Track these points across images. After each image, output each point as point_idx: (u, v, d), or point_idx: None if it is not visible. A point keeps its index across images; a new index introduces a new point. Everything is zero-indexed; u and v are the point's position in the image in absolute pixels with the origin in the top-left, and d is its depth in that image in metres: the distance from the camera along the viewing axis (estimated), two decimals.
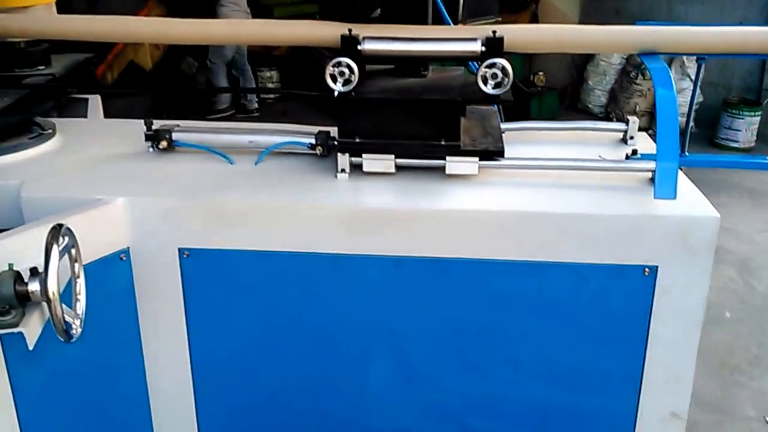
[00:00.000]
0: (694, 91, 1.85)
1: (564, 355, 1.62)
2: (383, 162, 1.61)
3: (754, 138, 6.50)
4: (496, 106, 2.13)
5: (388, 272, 1.56)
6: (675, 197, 1.48)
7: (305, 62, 6.92)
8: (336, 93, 1.57)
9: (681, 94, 6.84)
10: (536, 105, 7.13)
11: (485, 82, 1.57)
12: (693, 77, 6.75)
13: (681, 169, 1.81)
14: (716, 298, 3.70)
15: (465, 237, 1.53)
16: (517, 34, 1.67)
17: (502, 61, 1.55)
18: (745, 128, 6.43)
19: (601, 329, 1.59)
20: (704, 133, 6.76)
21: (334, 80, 1.57)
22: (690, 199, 1.56)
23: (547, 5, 7.60)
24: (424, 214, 1.54)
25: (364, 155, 1.62)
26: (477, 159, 1.62)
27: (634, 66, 7.15)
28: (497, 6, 7.25)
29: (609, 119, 7.36)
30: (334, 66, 1.56)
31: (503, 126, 2.00)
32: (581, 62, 7.73)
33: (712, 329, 3.41)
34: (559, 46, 1.79)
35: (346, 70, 1.56)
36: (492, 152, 1.63)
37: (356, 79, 1.56)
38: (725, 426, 2.71)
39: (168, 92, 5.49)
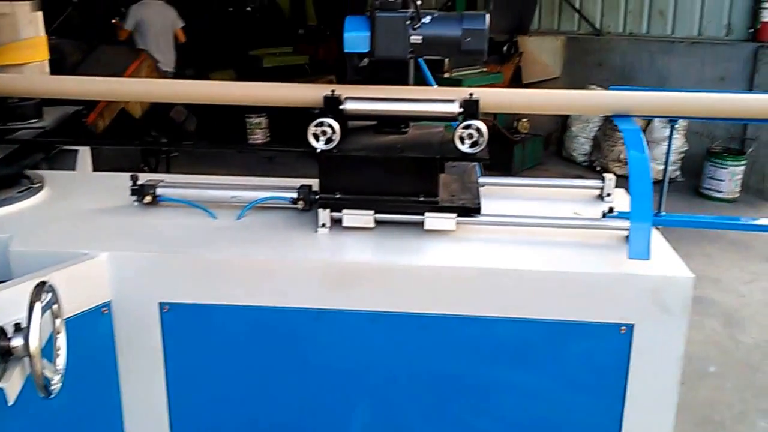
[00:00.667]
0: (668, 153, 1.90)
1: (542, 412, 1.62)
2: (363, 217, 1.65)
3: (739, 188, 6.55)
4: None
5: (367, 327, 1.57)
6: (649, 258, 1.51)
7: (293, 109, 7.02)
8: (318, 150, 1.61)
9: (665, 142, 6.98)
10: (520, 152, 7.21)
11: (462, 142, 1.62)
12: (677, 126, 6.92)
13: (658, 228, 1.86)
14: (700, 351, 3.70)
15: (443, 293, 1.55)
16: (492, 97, 1.73)
17: (478, 123, 1.61)
18: (728, 178, 6.48)
19: (578, 387, 1.60)
20: (689, 182, 6.88)
21: (317, 138, 1.61)
22: (664, 259, 1.59)
23: (530, 57, 7.79)
24: (402, 270, 1.56)
25: (344, 211, 1.65)
26: (455, 215, 1.65)
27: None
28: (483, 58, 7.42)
29: (593, 167, 7.45)
30: (316, 126, 1.60)
31: (481, 180, 2.05)
32: None
33: (696, 384, 3.40)
34: (532, 108, 1.85)
35: (328, 129, 1.60)
36: (469, 209, 1.66)
37: (338, 138, 1.61)
38: None
39: (153, 144, 5.60)
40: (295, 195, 1.73)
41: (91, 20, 8.58)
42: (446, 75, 6.30)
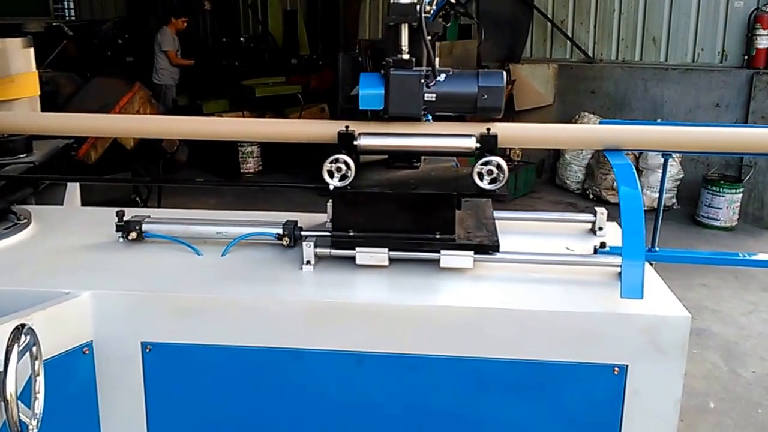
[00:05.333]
0: (662, 187, 1.88)
1: None
2: (376, 256, 1.61)
3: (736, 216, 6.50)
4: None
5: (350, 368, 1.53)
6: (642, 297, 1.47)
7: None
8: (332, 187, 1.59)
9: (660, 169, 6.96)
10: (513, 180, 7.18)
11: (481, 178, 1.59)
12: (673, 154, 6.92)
13: (651, 264, 1.83)
14: (700, 386, 3.64)
15: (431, 334, 1.51)
16: (508, 131, 1.70)
17: (498, 159, 1.58)
18: (726, 206, 6.44)
19: (573, 429, 1.56)
20: (685, 210, 6.85)
21: (331, 176, 1.59)
22: (658, 297, 1.55)
23: (523, 84, 7.83)
24: (386, 310, 1.53)
25: (357, 248, 1.61)
26: (472, 252, 1.61)
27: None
28: None
29: (586, 195, 7.44)
30: (331, 162, 1.58)
31: None
32: None
33: (697, 420, 3.33)
34: (542, 143, 1.84)
35: (343, 166, 1.58)
36: (487, 246, 1.63)
37: (353, 175, 1.59)
38: None
39: (139, 180, 5.60)
40: (279, 231, 1.71)
41: (87, 53, 8.67)
42: None
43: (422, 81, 1.58)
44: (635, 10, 7.59)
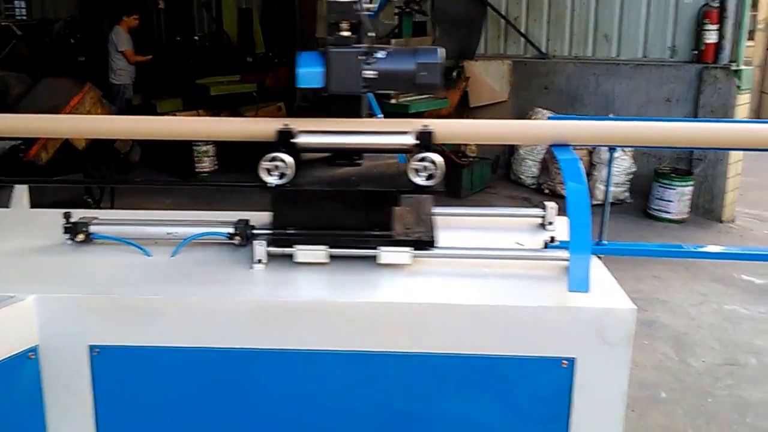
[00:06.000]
0: (608, 182, 1.92)
1: None
2: (316, 254, 1.62)
3: (687, 209, 6.66)
4: None
5: (304, 367, 1.53)
6: (588, 290, 1.50)
7: None
8: (270, 186, 1.59)
9: (614, 163, 7.10)
10: (468, 175, 7.26)
11: (417, 174, 1.60)
12: (624, 149, 7.07)
13: (600, 258, 1.87)
14: (651, 377, 3.73)
15: (386, 329, 1.52)
16: (446, 128, 1.72)
17: (433, 155, 1.60)
18: (677, 199, 6.60)
19: (522, 422, 1.58)
20: (638, 203, 7.00)
21: (269, 173, 1.58)
22: (605, 291, 1.59)
23: (477, 81, 7.90)
24: (336, 307, 1.53)
25: (296, 246, 1.61)
26: (410, 249, 1.63)
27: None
28: None
29: (541, 190, 7.54)
30: (269, 160, 1.57)
31: (434, 210, 2.03)
32: None
33: (648, 410, 3.42)
34: (482, 138, 1.86)
35: (282, 164, 1.58)
36: (424, 242, 1.65)
37: (292, 173, 1.58)
38: None
39: (89, 181, 5.48)
40: (231, 230, 1.69)
41: (38, 52, 8.45)
42: (393, 101, 6.33)
43: (361, 58, 1.59)
44: (587, 6, 7.72)
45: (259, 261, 1.63)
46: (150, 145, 6.13)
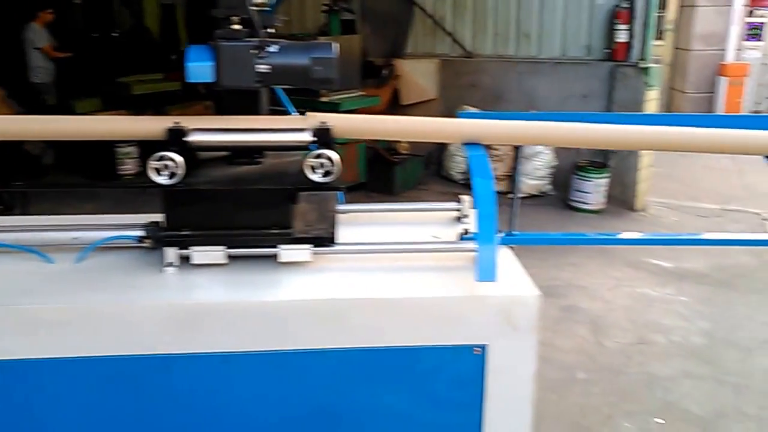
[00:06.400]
0: (516, 175, 2.00)
1: None
2: (213, 254, 1.59)
3: (604, 199, 6.98)
4: None
5: (216, 370, 1.51)
6: (495, 279, 1.55)
7: None
8: (160, 186, 1.56)
9: (537, 157, 7.35)
10: (401, 173, 7.35)
11: (313, 171, 1.61)
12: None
13: (512, 248, 1.94)
14: (569, 359, 3.89)
15: (296, 327, 1.52)
16: (345, 123, 1.74)
17: (329, 152, 1.60)
18: (594, 190, 6.90)
19: (439, 410, 1.62)
20: (560, 195, 7.27)
21: (158, 173, 1.55)
22: (512, 279, 1.65)
23: (407, 79, 8.00)
24: (254, 306, 1.52)
25: (192, 248, 1.59)
26: (310, 246, 1.63)
27: None
28: (359, 80, 7.57)
29: (470, 186, 7.69)
30: (157, 159, 1.54)
31: (344, 208, 2.06)
32: None
33: (566, 391, 3.56)
34: (386, 135, 1.88)
35: (171, 163, 1.55)
36: (324, 239, 1.65)
37: (182, 172, 1.55)
38: None
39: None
40: (141, 233, 1.65)
41: None
42: (323, 99, 6.33)
43: (253, 52, 1.58)
44: (508, 6, 7.93)
45: (170, 264, 1.60)
46: (70, 147, 5.86)
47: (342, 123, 1.72)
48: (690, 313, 4.57)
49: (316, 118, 1.70)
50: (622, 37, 7.08)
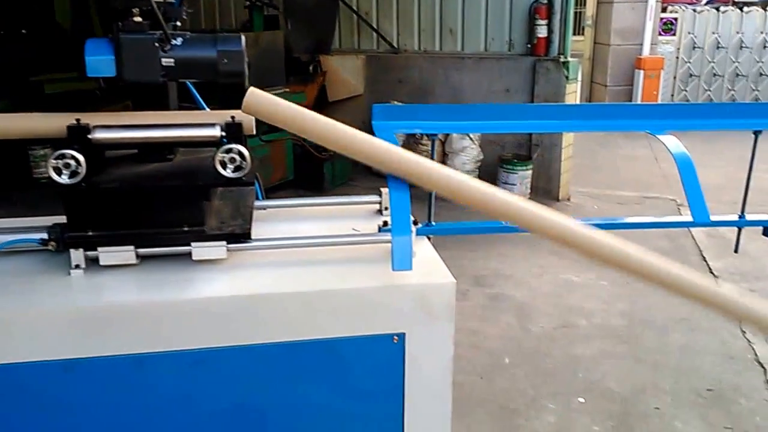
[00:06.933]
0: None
1: (333, 427, 1.64)
2: (122, 254, 1.55)
3: (529, 190, 7.21)
4: (256, 184, 2.18)
5: (130, 372, 1.47)
6: (410, 268, 1.58)
7: None
8: (60, 186, 1.50)
9: (464, 152, 7.49)
10: (330, 169, 7.34)
11: (224, 167, 1.59)
12: (472, 137, 7.45)
13: (429, 238, 1.97)
14: (496, 345, 4.00)
15: (213, 325, 1.50)
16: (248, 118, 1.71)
17: (239, 147, 1.58)
18: (519, 182, 7.10)
19: (360, 399, 1.63)
20: None
21: (59, 173, 1.49)
22: (428, 267, 1.68)
23: (334, 75, 7.99)
24: (167, 306, 1.49)
25: (99, 249, 1.54)
26: (224, 243, 1.61)
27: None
28: (284, 78, 7.47)
29: None
30: (57, 158, 1.48)
31: (264, 203, 2.04)
32: (371, 126, 8.18)
33: (493, 376, 3.66)
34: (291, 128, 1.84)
35: (72, 162, 1.49)
36: (238, 235, 1.63)
37: (84, 171, 1.50)
38: None
39: None
40: (44, 236, 1.58)
41: None
42: None
43: (157, 45, 1.55)
44: (432, 2, 8.03)
45: (77, 266, 1.55)
46: None
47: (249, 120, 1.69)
48: (610, 297, 4.77)
49: (226, 114, 1.67)
50: (542, 32, 7.30)
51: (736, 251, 2.11)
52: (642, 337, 4.17)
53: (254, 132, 1.75)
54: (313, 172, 7.15)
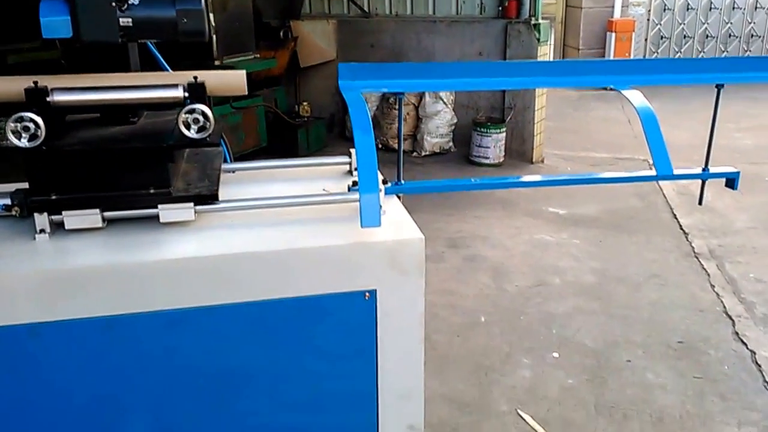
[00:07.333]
0: (399, 127, 2.03)
1: (306, 385, 1.66)
2: (88, 217, 1.54)
3: (503, 154, 7.24)
4: (223, 146, 2.16)
5: (103, 334, 1.47)
6: (379, 224, 1.58)
7: None
8: (19, 149, 1.47)
9: (438, 116, 7.48)
10: (304, 135, 7.30)
11: (188, 127, 1.57)
12: (446, 100, 7.44)
13: (399, 197, 1.98)
14: (472, 305, 4.05)
15: (183, 287, 1.50)
16: (218, 79, 1.69)
17: (202, 107, 1.57)
18: (493, 145, 7.13)
19: (336, 355, 1.65)
20: (461, 152, 7.47)
21: (18, 137, 1.47)
22: (396, 223, 1.68)
23: (305, 41, 7.88)
24: (136, 268, 1.48)
25: (64, 212, 1.52)
26: (192, 204, 1.60)
27: (392, 93, 7.64)
28: (254, 43, 7.34)
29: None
30: (15, 121, 1.45)
31: (231, 166, 2.03)
32: None
33: (469, 334, 3.72)
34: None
35: (31, 125, 1.46)
36: (205, 196, 1.63)
37: (43, 134, 1.47)
38: (482, 424, 2.94)
39: None
40: (8, 201, 1.56)
41: None
42: (216, 62, 6.13)
43: (114, 4, 1.51)
44: None
45: (43, 231, 1.53)
46: None
47: (216, 79, 1.67)
48: (583, 255, 4.84)
49: (188, 74, 1.64)
50: None
51: (700, 203, 2.15)
52: (614, 293, 4.26)
53: (246, 92, 1.74)
54: (287, 139, 7.10)
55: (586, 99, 11.27)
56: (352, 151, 2.07)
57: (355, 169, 2.06)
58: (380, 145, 7.62)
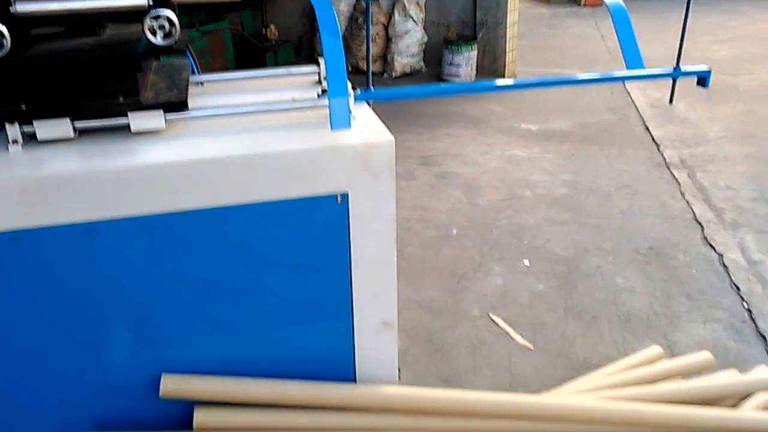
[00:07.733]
0: (368, 43, 2.02)
1: (283, 286, 1.73)
2: (59, 128, 1.54)
3: (474, 71, 7.19)
4: (190, 58, 2.15)
5: (79, 240, 1.51)
6: (349, 126, 1.61)
7: None
8: None
9: (408, 35, 7.36)
10: (272, 59, 7.16)
11: (154, 33, 1.56)
12: (416, 19, 7.31)
13: (369, 104, 1.99)
14: (445, 219, 4.13)
15: (158, 192, 1.53)
16: None
17: (167, 12, 1.55)
18: (465, 63, 7.06)
19: (310, 259, 1.71)
20: (432, 71, 7.40)
21: None
22: (366, 127, 1.71)
23: None
24: (110, 174, 1.50)
25: (35, 122, 1.53)
26: (161, 112, 1.61)
27: (361, 13, 7.49)
28: None
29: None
30: None
31: (201, 78, 2.03)
32: (312, 12, 7.91)
33: (442, 246, 3.81)
34: None
35: None
36: (175, 104, 1.63)
37: (8, 44, 1.46)
38: (456, 328, 3.07)
39: None
40: None
41: None
42: None
43: None
44: None
45: (15, 142, 1.54)
46: None
47: None
48: (554, 169, 4.92)
49: None
50: None
51: (671, 102, 2.20)
52: (585, 204, 4.36)
53: None
54: (255, 63, 6.96)
55: (559, 17, 11.12)
56: (321, 60, 2.07)
57: (324, 78, 2.07)
58: (350, 68, 7.51)
